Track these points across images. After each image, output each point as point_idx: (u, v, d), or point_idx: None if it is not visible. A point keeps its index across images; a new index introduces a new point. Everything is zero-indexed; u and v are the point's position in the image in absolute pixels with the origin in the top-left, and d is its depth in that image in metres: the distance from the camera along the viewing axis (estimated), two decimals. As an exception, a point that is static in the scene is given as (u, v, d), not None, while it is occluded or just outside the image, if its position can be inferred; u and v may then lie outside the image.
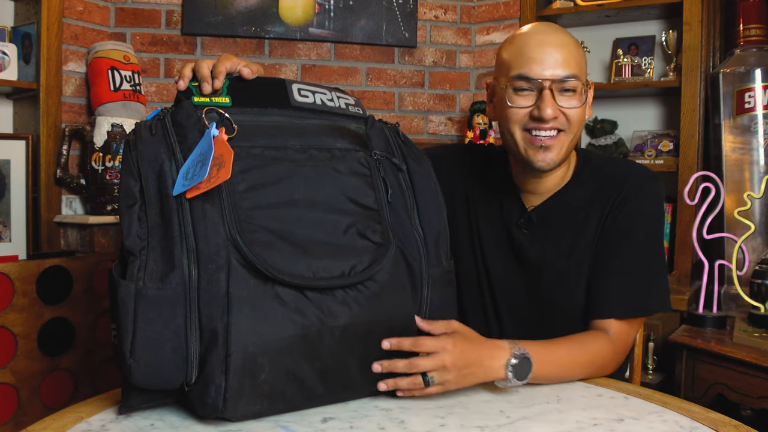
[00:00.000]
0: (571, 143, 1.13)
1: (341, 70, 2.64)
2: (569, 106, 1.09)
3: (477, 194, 1.25)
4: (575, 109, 1.10)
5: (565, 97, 1.09)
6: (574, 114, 1.10)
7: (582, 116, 1.12)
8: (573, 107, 1.09)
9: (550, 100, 1.08)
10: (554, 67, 1.08)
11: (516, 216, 1.19)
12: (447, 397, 0.95)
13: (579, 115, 1.11)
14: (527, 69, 1.09)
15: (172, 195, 0.80)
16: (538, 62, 1.08)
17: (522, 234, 1.18)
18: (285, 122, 0.91)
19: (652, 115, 2.59)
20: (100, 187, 2.21)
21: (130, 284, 0.76)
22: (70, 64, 2.31)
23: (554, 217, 1.17)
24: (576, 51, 1.11)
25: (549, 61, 1.08)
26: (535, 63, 1.09)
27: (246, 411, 0.81)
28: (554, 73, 1.08)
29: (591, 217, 1.15)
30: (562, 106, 1.09)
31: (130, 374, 0.77)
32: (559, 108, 1.09)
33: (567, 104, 1.09)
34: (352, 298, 0.85)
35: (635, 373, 1.33)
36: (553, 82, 1.08)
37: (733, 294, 2.14)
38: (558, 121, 1.09)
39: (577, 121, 1.11)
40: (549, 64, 1.08)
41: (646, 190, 1.15)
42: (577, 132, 1.13)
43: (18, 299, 1.79)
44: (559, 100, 1.09)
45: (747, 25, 2.31)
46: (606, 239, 1.14)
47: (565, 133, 1.11)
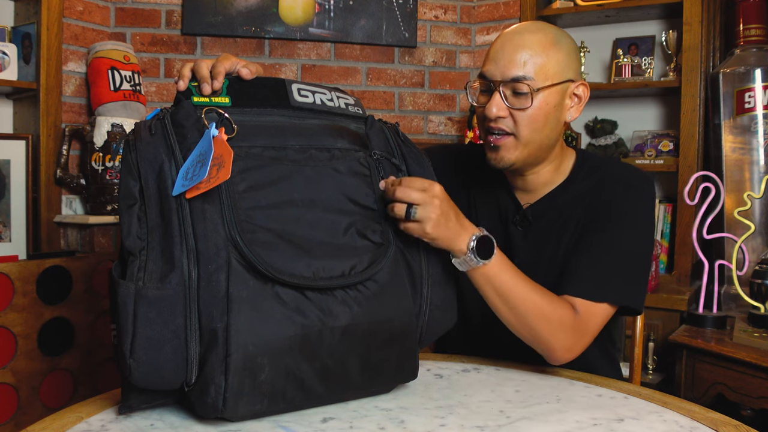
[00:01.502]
0: (528, 148, 1.11)
1: (341, 70, 2.64)
2: (518, 107, 1.08)
3: (477, 192, 1.26)
4: (523, 111, 1.08)
5: (516, 98, 1.09)
6: (523, 117, 1.08)
7: (538, 120, 1.09)
8: (520, 108, 1.08)
9: (497, 100, 1.08)
10: (506, 68, 1.08)
11: (512, 213, 1.20)
12: (447, 397, 0.95)
13: (532, 117, 1.09)
14: (485, 68, 1.11)
15: (172, 195, 0.80)
16: (494, 62, 1.10)
17: (516, 231, 1.19)
18: (285, 122, 0.91)
19: (652, 115, 2.59)
20: (100, 187, 2.21)
21: (129, 284, 0.76)
22: (70, 64, 2.31)
23: (546, 215, 1.18)
24: (541, 52, 1.08)
25: (503, 61, 1.09)
26: (492, 62, 1.10)
27: (246, 411, 0.81)
28: (504, 74, 1.08)
29: (578, 215, 1.15)
30: (512, 107, 1.09)
31: (130, 374, 0.77)
32: (509, 109, 1.09)
33: (517, 104, 1.08)
34: (352, 298, 0.85)
35: (635, 373, 1.33)
36: (503, 83, 1.08)
37: (733, 294, 2.14)
38: (505, 122, 1.09)
39: (528, 123, 1.09)
40: (502, 64, 1.09)
41: (637, 190, 1.14)
42: (533, 136, 1.10)
43: (18, 299, 1.79)
44: (512, 100, 1.09)
45: (747, 25, 2.31)
46: (587, 225, 1.13)
47: (514, 137, 1.10)
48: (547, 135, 1.12)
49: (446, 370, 1.09)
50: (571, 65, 1.12)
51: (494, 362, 1.15)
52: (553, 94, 1.10)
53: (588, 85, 1.16)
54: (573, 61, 1.13)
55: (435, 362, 1.14)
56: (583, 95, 1.15)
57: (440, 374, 1.07)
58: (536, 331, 1.03)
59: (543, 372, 1.09)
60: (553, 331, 1.03)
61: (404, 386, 0.99)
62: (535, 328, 1.02)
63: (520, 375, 1.07)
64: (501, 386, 1.01)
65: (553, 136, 1.13)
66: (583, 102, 1.15)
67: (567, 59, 1.11)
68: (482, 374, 1.07)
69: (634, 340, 1.34)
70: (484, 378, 1.05)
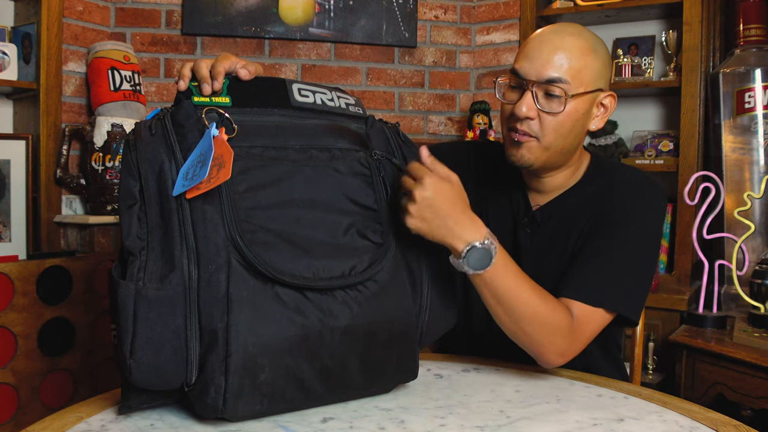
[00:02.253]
0: (549, 152, 1.09)
1: (341, 70, 2.64)
2: (548, 110, 1.06)
3: (491, 191, 1.25)
4: (553, 115, 1.06)
5: (547, 101, 1.07)
6: (552, 120, 1.07)
7: (565, 126, 1.08)
8: (551, 112, 1.06)
9: (528, 100, 1.06)
10: (542, 68, 1.06)
11: (522, 214, 1.20)
12: (447, 397, 0.95)
13: (559, 123, 1.07)
14: (519, 65, 1.09)
15: (172, 195, 0.80)
16: (529, 60, 1.08)
17: (525, 233, 1.19)
18: (285, 122, 0.91)
19: (652, 115, 2.59)
20: (100, 187, 2.21)
21: (129, 285, 0.76)
22: (70, 64, 2.31)
23: (554, 218, 1.17)
24: (578, 56, 1.06)
25: (539, 61, 1.06)
26: (527, 60, 1.08)
27: (246, 411, 0.81)
28: (540, 74, 1.06)
29: (585, 219, 1.14)
30: (542, 109, 1.07)
31: (130, 375, 0.77)
32: (539, 110, 1.07)
33: (547, 108, 1.07)
34: (353, 299, 0.85)
35: (635, 373, 1.33)
36: (537, 83, 1.06)
37: (733, 294, 2.14)
38: (531, 125, 1.07)
39: (553, 128, 1.07)
40: (538, 63, 1.06)
41: (646, 199, 1.13)
42: (556, 141, 1.08)
43: (18, 299, 1.79)
44: (543, 103, 1.07)
45: (747, 25, 2.31)
46: (593, 230, 1.12)
47: (537, 141, 1.08)
48: (570, 142, 1.11)
49: (446, 370, 1.09)
50: (604, 74, 1.11)
51: (494, 362, 1.15)
52: (584, 101, 1.09)
53: (616, 96, 1.14)
54: (606, 71, 1.12)
55: (435, 362, 1.14)
56: (610, 106, 1.14)
57: (440, 374, 1.07)
58: (530, 336, 1.01)
59: (543, 372, 1.09)
60: (548, 336, 1.01)
61: (404, 386, 0.99)
62: (530, 332, 1.00)
63: (520, 375, 1.07)
64: (501, 386, 1.01)
65: (576, 143, 1.12)
66: (609, 113, 1.14)
67: (602, 68, 1.10)
68: (482, 374, 1.07)
69: (634, 340, 1.34)
70: (484, 378, 1.05)
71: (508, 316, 1.00)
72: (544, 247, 1.17)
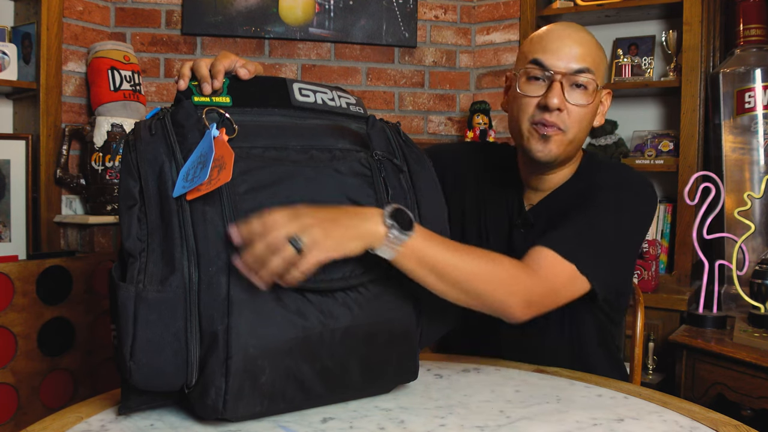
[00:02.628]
0: (571, 146, 1.11)
1: (341, 70, 2.64)
2: (576, 102, 1.08)
3: (488, 194, 1.25)
4: (582, 107, 1.08)
5: (575, 92, 1.08)
6: (578, 112, 1.08)
7: (586, 118, 1.10)
8: (580, 104, 1.08)
9: (558, 91, 1.07)
10: (569, 60, 1.07)
11: (515, 215, 1.20)
12: (447, 397, 0.95)
13: (583, 116, 1.09)
14: (542, 56, 1.09)
15: (172, 197, 0.80)
16: (554, 52, 1.08)
17: (519, 233, 1.19)
18: (286, 122, 0.91)
19: (652, 115, 2.59)
20: (100, 187, 2.21)
21: (130, 287, 0.76)
22: (70, 64, 2.31)
23: (546, 215, 1.17)
24: (595, 50, 1.10)
25: (564, 53, 1.08)
26: (551, 53, 1.09)
27: (246, 412, 0.81)
28: (568, 66, 1.07)
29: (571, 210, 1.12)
30: (570, 101, 1.08)
31: (130, 377, 0.77)
32: (567, 103, 1.08)
33: (575, 100, 1.08)
34: (353, 300, 0.85)
35: (635, 373, 1.33)
36: (565, 75, 1.07)
37: (733, 294, 2.14)
38: (561, 116, 1.08)
39: (578, 121, 1.09)
40: (564, 56, 1.08)
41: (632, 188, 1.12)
42: (578, 135, 1.11)
43: (18, 299, 1.79)
44: (569, 95, 1.08)
45: (747, 25, 2.31)
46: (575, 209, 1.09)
47: (564, 134, 1.09)
48: (584, 136, 1.13)
49: (446, 370, 1.09)
50: (605, 72, 1.15)
51: (494, 362, 1.15)
52: (598, 95, 1.12)
53: (612, 94, 1.17)
54: (606, 69, 1.16)
55: (435, 362, 1.14)
56: (607, 103, 1.16)
57: (440, 374, 1.07)
58: (484, 296, 0.93)
59: (543, 372, 1.09)
60: (505, 290, 0.94)
61: (404, 386, 0.99)
62: (483, 293, 0.93)
63: (520, 375, 1.07)
64: (501, 386, 1.01)
65: (585, 137, 1.15)
66: (606, 110, 1.17)
67: (605, 65, 1.14)
68: (482, 374, 1.07)
69: (634, 340, 1.34)
70: (484, 378, 1.05)
71: (455, 287, 0.90)
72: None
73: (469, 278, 0.91)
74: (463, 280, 0.90)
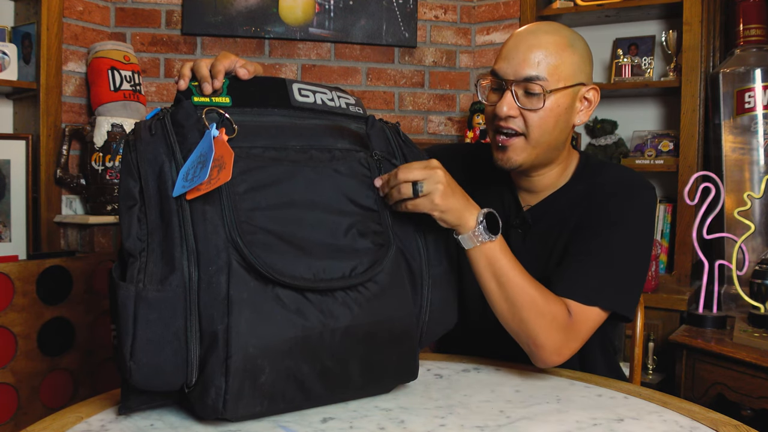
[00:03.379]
0: (537, 149, 1.10)
1: (341, 70, 2.64)
2: (530, 108, 1.07)
3: (481, 193, 1.24)
4: (535, 112, 1.07)
5: (528, 98, 1.08)
6: (533, 118, 1.08)
7: (548, 122, 1.08)
8: (531, 109, 1.07)
9: (508, 99, 1.08)
10: (519, 67, 1.07)
11: (512, 215, 1.20)
12: (447, 397, 0.95)
13: (543, 119, 1.08)
14: (497, 65, 1.10)
15: (172, 196, 0.80)
16: (507, 60, 1.09)
17: (516, 234, 1.19)
18: (285, 122, 0.91)
19: (652, 115, 2.59)
20: (100, 187, 2.21)
21: (129, 286, 0.76)
22: (70, 64, 2.31)
23: (544, 218, 1.17)
24: (555, 53, 1.07)
25: (516, 60, 1.08)
26: (505, 61, 1.09)
27: (246, 412, 0.81)
28: (517, 73, 1.07)
29: (575, 219, 1.13)
30: (523, 107, 1.08)
31: (130, 376, 0.77)
32: (520, 109, 1.08)
33: (528, 106, 1.08)
34: (353, 300, 0.85)
35: (635, 373, 1.33)
36: (515, 82, 1.07)
37: (733, 294, 2.14)
38: (515, 122, 1.09)
39: (538, 125, 1.08)
40: (515, 63, 1.08)
41: (634, 196, 1.12)
42: (543, 138, 1.09)
43: (18, 299, 1.79)
44: (524, 101, 1.08)
45: (747, 25, 2.31)
46: (582, 228, 1.11)
47: (524, 139, 1.09)
48: (556, 137, 1.11)
49: (446, 370, 1.09)
50: (583, 68, 1.11)
51: (494, 362, 1.15)
52: (565, 96, 1.09)
53: (599, 90, 1.15)
54: (586, 65, 1.12)
55: (435, 362, 1.14)
56: (593, 99, 1.14)
57: (440, 374, 1.07)
58: (527, 325, 1.00)
59: (543, 372, 1.09)
60: (545, 328, 1.00)
61: (404, 386, 0.99)
62: (527, 321, 0.99)
63: (520, 375, 1.07)
64: (501, 386, 1.01)
65: (562, 138, 1.13)
66: (593, 106, 1.15)
67: (580, 62, 1.11)
68: (482, 374, 1.07)
69: (634, 340, 1.34)
70: (484, 378, 1.05)
71: (507, 302, 1.00)
72: (535, 248, 1.16)
73: (524, 300, 0.99)
74: (517, 298, 0.99)
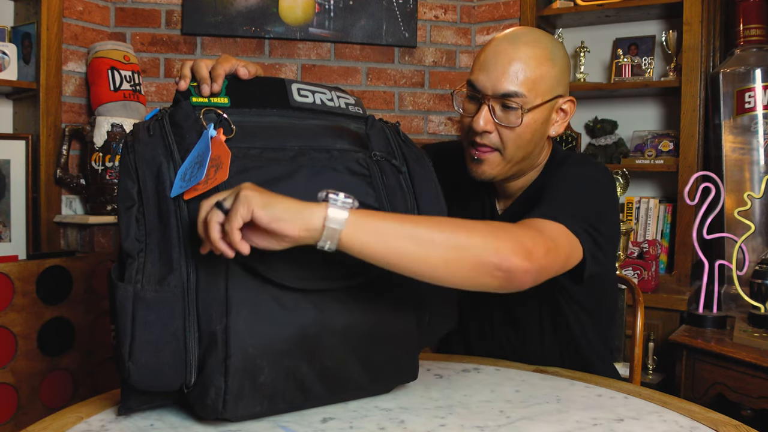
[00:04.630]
0: (511, 163, 1.09)
1: (341, 70, 2.64)
2: (506, 124, 1.06)
3: (463, 196, 1.24)
4: (511, 128, 1.06)
5: (505, 114, 1.06)
6: (510, 134, 1.06)
7: (524, 136, 1.07)
8: (508, 125, 1.06)
9: (485, 114, 1.06)
10: (498, 81, 1.05)
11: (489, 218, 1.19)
12: (447, 397, 0.95)
13: (519, 134, 1.06)
14: (475, 77, 1.08)
15: (170, 197, 0.80)
16: (485, 72, 1.06)
17: None
18: (284, 123, 0.91)
19: (652, 115, 2.59)
20: (100, 187, 2.21)
21: (128, 287, 0.76)
22: (70, 64, 2.31)
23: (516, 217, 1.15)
24: (535, 68, 1.04)
25: (495, 73, 1.05)
26: (483, 72, 1.07)
27: (246, 412, 0.81)
28: (495, 88, 1.05)
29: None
30: (500, 122, 1.06)
31: (129, 377, 0.77)
32: (496, 124, 1.06)
33: (504, 121, 1.06)
34: (353, 300, 0.85)
35: (635, 373, 1.33)
36: (493, 97, 1.05)
37: (733, 294, 2.14)
38: (490, 138, 1.07)
39: (513, 140, 1.07)
40: (494, 76, 1.05)
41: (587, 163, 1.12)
42: (518, 152, 1.08)
43: (18, 299, 1.79)
44: (500, 116, 1.06)
45: (747, 25, 2.31)
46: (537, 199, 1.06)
47: (499, 154, 1.08)
48: (530, 150, 1.11)
49: (446, 370, 1.09)
50: (562, 81, 1.10)
51: (494, 362, 1.15)
52: (542, 111, 1.08)
53: (575, 101, 1.13)
54: (564, 77, 1.10)
55: (435, 362, 1.14)
56: (569, 110, 1.12)
57: (440, 374, 1.07)
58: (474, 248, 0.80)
59: (543, 372, 1.09)
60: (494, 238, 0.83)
61: (404, 386, 0.99)
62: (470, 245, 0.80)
63: (520, 375, 1.07)
64: (501, 386, 1.01)
65: (537, 150, 1.12)
66: (569, 117, 1.13)
67: (559, 75, 1.09)
68: (482, 374, 1.07)
69: (634, 340, 1.34)
70: (484, 378, 1.05)
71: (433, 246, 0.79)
72: None
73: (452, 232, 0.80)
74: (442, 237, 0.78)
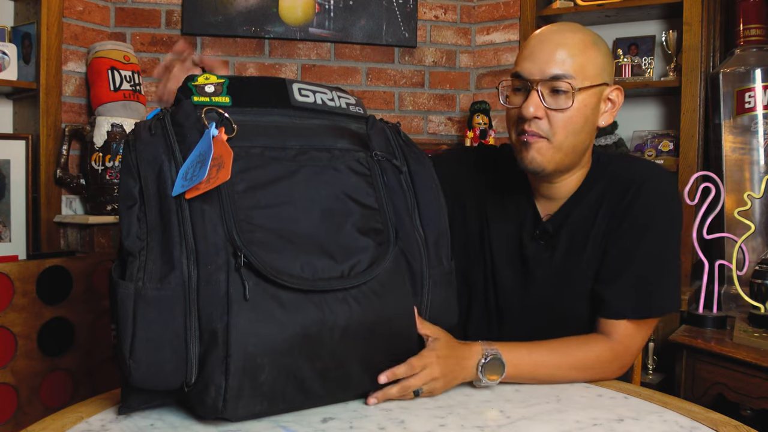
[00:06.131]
0: (561, 152, 1.07)
1: (341, 70, 2.64)
2: (556, 107, 1.04)
3: (492, 199, 1.20)
4: (562, 112, 1.04)
5: (554, 98, 1.05)
6: (560, 119, 1.04)
7: (574, 122, 1.05)
8: (558, 108, 1.04)
9: (534, 99, 1.04)
10: (546, 65, 1.04)
11: (530, 225, 1.15)
12: (447, 397, 0.95)
13: (568, 120, 1.05)
14: (521, 66, 1.07)
15: (171, 196, 0.80)
16: (531, 60, 1.06)
17: (538, 246, 1.14)
18: (285, 122, 0.91)
19: (652, 115, 2.59)
20: (100, 187, 2.21)
21: (129, 285, 0.76)
22: (70, 64, 2.31)
23: (566, 227, 1.12)
24: (581, 51, 1.04)
25: (541, 60, 1.05)
26: (528, 61, 1.06)
27: (246, 411, 0.81)
28: (543, 72, 1.04)
29: (599, 222, 1.10)
30: (550, 107, 1.05)
31: (130, 375, 0.77)
32: (546, 109, 1.05)
33: (554, 105, 1.04)
34: (353, 298, 0.85)
35: (635, 373, 1.33)
36: (541, 82, 1.04)
37: (733, 294, 2.14)
38: (540, 124, 1.05)
39: (563, 126, 1.05)
40: (540, 63, 1.05)
41: (657, 190, 1.09)
42: (567, 140, 1.06)
43: (18, 299, 1.79)
44: (549, 101, 1.05)
45: (747, 25, 2.31)
46: (615, 240, 1.08)
47: (548, 142, 1.06)
48: (582, 140, 1.08)
49: (446, 370, 1.09)
50: (606, 68, 1.09)
51: (494, 362, 1.14)
52: (592, 95, 1.07)
53: (623, 90, 1.12)
54: (609, 65, 1.10)
55: (435, 362, 1.14)
56: (617, 100, 1.11)
57: (440, 374, 1.06)
58: (581, 379, 1.05)
59: (543, 372, 1.09)
60: (595, 372, 1.05)
61: (404, 386, 0.99)
62: (578, 377, 1.05)
63: (520, 375, 1.07)
64: (501, 386, 1.01)
65: (587, 141, 1.10)
66: (617, 107, 1.11)
67: (604, 62, 1.08)
68: (482, 374, 1.07)
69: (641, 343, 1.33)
70: (484, 378, 1.05)
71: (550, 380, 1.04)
72: (560, 259, 1.12)
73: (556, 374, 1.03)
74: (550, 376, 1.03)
